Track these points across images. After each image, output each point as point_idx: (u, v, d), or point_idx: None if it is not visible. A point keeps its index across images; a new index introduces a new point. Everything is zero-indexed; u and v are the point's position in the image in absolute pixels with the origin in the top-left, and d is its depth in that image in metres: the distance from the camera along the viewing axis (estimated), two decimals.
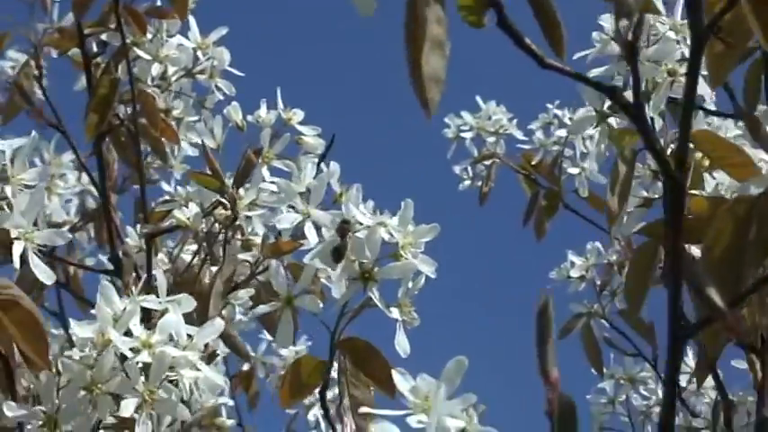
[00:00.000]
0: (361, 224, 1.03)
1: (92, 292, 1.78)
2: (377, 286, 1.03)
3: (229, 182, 1.26)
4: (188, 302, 1.01)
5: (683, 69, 1.01)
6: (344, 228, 1.02)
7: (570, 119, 2.03)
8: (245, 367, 2.10)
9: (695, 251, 1.02)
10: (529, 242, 2.09)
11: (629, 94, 0.79)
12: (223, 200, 1.38)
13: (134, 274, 1.58)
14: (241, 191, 1.34)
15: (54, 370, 0.99)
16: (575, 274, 2.05)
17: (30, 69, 1.63)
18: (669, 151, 0.99)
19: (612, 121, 1.11)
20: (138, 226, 1.67)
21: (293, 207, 1.15)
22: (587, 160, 2.02)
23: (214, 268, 1.48)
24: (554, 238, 2.11)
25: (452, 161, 2.17)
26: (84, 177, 1.82)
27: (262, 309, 1.07)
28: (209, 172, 1.24)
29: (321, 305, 1.04)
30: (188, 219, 1.41)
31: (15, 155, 0.95)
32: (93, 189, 1.84)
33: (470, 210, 2.17)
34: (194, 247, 1.64)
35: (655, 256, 1.02)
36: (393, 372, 0.80)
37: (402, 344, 1.04)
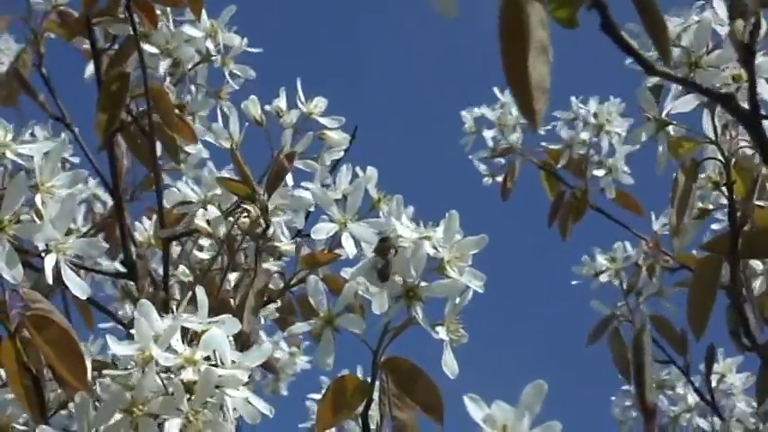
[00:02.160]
0: (403, 239, 1.01)
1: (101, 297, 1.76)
2: (421, 305, 1.01)
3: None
4: (232, 324, 0.98)
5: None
6: (385, 246, 1.00)
7: (594, 114, 2.02)
8: None
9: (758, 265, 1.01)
10: (551, 240, 2.08)
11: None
12: (249, 207, 1.36)
13: (148, 278, 1.57)
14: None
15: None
16: (603, 278, 2.04)
17: (27, 56, 1.60)
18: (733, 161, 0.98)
19: (671, 129, 1.09)
20: (148, 224, 1.66)
21: (329, 216, 1.13)
22: (615, 159, 2.02)
23: (233, 275, 1.47)
24: (577, 239, 2.10)
25: (471, 154, 2.15)
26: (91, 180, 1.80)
27: (300, 327, 1.05)
28: (237, 177, 1.21)
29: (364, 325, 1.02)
30: (209, 223, 1.39)
31: (44, 160, 0.93)
32: (100, 193, 1.82)
33: (492, 206, 2.16)
34: (207, 242, 1.63)
35: (718, 270, 1.01)
36: (465, 399, 0.78)
37: (449, 364, 1.02)
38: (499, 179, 2.14)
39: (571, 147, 2.05)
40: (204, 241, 1.61)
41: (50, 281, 0.91)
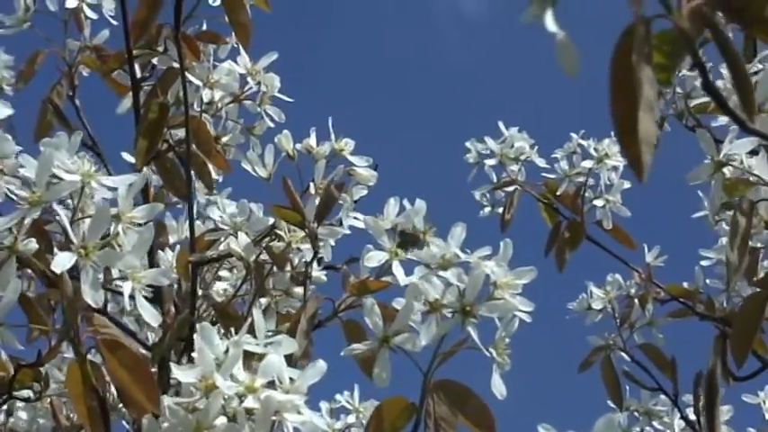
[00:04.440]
0: (459, 258, 1.05)
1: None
2: (474, 324, 1.03)
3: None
4: (289, 344, 1.01)
5: None
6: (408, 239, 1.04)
7: (595, 149, 2.05)
8: None
9: None
10: (548, 272, 2.10)
11: None
12: (281, 233, 1.38)
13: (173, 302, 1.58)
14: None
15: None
16: (596, 305, 2.07)
17: (62, 88, 1.62)
18: None
19: (726, 170, 1.13)
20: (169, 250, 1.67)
21: (380, 245, 1.15)
22: (611, 192, 2.05)
23: (263, 300, 1.49)
24: (573, 269, 2.13)
25: (472, 186, 2.18)
26: None
27: (357, 348, 1.07)
28: (288, 204, 1.23)
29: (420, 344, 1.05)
30: (241, 249, 1.41)
31: (126, 192, 0.94)
32: None
33: (488, 236, 2.18)
34: (226, 272, 1.65)
35: (764, 305, 1.05)
36: (539, 428, 0.80)
37: (498, 386, 1.05)
38: (499, 210, 2.17)
39: (569, 178, 2.08)
40: (224, 272, 1.63)
41: (128, 306, 0.92)
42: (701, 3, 0.67)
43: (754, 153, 1.08)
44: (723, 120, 1.13)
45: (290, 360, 1.05)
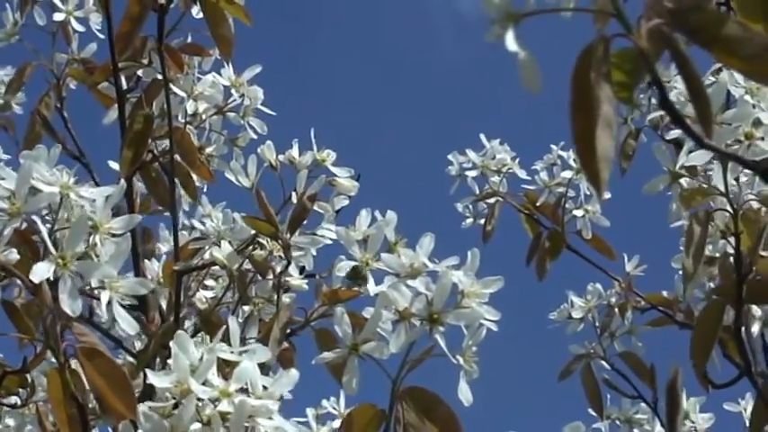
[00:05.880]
0: (428, 267, 1.06)
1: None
2: (442, 331, 1.05)
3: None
4: (263, 352, 1.02)
5: (759, 133, 1.05)
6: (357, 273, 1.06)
7: (575, 160, 2.07)
8: None
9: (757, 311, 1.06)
10: (530, 281, 2.12)
11: None
12: (264, 242, 1.40)
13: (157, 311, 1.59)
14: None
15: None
16: (576, 314, 2.09)
17: (50, 100, 1.64)
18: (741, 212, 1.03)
19: (683, 181, 1.15)
20: (155, 260, 1.69)
21: (351, 255, 1.17)
22: (591, 202, 2.07)
23: (246, 307, 1.50)
24: (554, 278, 2.15)
25: (455, 198, 2.20)
26: None
27: (327, 356, 1.09)
28: (262, 216, 1.25)
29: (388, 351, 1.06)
30: (224, 258, 1.43)
31: (104, 203, 0.96)
32: None
33: (472, 247, 2.20)
34: (211, 282, 1.66)
35: (722, 314, 1.06)
36: None
37: (465, 393, 1.07)
38: (481, 222, 2.18)
39: (549, 189, 2.10)
40: (209, 281, 1.65)
41: (106, 316, 0.94)
42: (660, 22, 0.68)
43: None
44: (676, 132, 1.15)
45: (264, 367, 1.07)
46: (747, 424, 1.98)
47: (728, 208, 1.08)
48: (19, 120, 1.71)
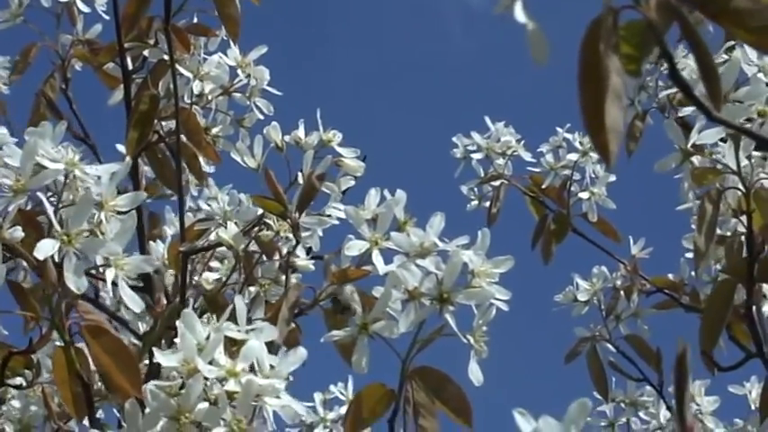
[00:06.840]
0: (438, 246, 1.05)
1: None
2: (451, 311, 1.03)
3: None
4: (270, 331, 1.01)
5: None
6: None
7: (580, 143, 2.05)
8: None
9: None
10: (535, 264, 2.10)
11: None
12: (270, 222, 1.39)
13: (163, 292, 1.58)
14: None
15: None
16: (581, 297, 2.07)
17: (55, 81, 1.62)
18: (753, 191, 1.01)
19: (695, 159, 1.13)
20: (161, 242, 1.67)
21: (360, 234, 1.15)
22: (597, 185, 2.05)
23: (252, 288, 1.49)
24: (560, 261, 2.13)
25: (459, 181, 2.18)
26: None
27: (336, 334, 1.08)
28: (270, 195, 1.23)
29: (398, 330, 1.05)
30: (230, 239, 1.41)
31: (109, 180, 0.94)
32: None
33: (477, 230, 2.18)
34: (216, 263, 1.65)
35: (732, 292, 1.05)
36: (514, 413, 0.80)
37: (475, 373, 1.05)
38: (486, 204, 2.17)
39: (555, 171, 2.09)
40: (214, 263, 1.63)
41: (112, 293, 0.92)
42: None
43: (722, 141, 1.09)
44: (689, 110, 1.13)
45: (272, 347, 1.05)
46: (753, 407, 1.97)
47: (740, 186, 1.07)
48: (22, 101, 1.69)
